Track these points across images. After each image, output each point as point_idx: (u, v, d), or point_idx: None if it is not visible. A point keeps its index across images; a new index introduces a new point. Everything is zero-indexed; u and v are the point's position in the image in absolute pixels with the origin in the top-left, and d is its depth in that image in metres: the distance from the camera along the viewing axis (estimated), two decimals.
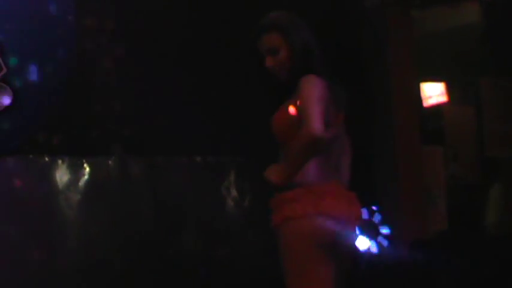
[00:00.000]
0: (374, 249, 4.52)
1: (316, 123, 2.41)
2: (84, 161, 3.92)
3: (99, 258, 3.88)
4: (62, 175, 3.86)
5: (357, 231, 4.45)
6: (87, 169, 3.92)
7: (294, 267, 2.50)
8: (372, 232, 4.54)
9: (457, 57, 5.97)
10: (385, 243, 4.54)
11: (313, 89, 2.52)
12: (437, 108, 5.89)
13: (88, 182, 3.92)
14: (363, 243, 4.50)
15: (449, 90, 6.06)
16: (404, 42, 5.12)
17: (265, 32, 2.68)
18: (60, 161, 3.86)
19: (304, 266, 2.47)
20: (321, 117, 2.44)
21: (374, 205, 4.67)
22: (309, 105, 2.47)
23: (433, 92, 5.95)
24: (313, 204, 2.50)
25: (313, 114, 2.43)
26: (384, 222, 4.60)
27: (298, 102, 2.55)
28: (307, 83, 2.54)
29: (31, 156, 3.80)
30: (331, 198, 2.54)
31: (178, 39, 4.26)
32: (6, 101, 3.53)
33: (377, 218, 4.58)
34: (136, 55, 4.12)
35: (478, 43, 5.76)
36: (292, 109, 2.59)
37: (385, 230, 4.58)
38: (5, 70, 3.49)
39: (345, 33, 4.95)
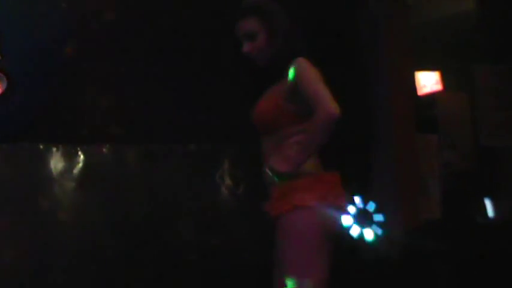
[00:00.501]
0: (368, 237, 4.52)
1: (333, 103, 2.37)
2: (78, 148, 3.91)
3: (93, 245, 3.89)
4: (56, 163, 3.86)
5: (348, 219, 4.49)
6: (82, 157, 3.92)
7: (298, 255, 2.45)
8: (365, 220, 4.54)
9: (451, 45, 5.97)
10: (379, 231, 4.55)
11: (312, 70, 2.48)
12: (431, 96, 5.89)
13: (82, 169, 3.91)
14: (356, 231, 4.51)
15: (444, 78, 6.05)
16: (400, 30, 5.11)
17: (242, 17, 2.60)
18: (54, 149, 3.86)
19: (309, 255, 2.44)
20: (332, 96, 2.40)
21: (368, 193, 4.67)
22: (316, 86, 2.42)
23: (428, 81, 5.94)
24: (323, 194, 2.47)
25: (325, 94, 2.40)
26: (378, 210, 4.60)
27: (294, 87, 2.48)
28: (303, 66, 2.48)
29: (25, 143, 3.79)
30: (334, 187, 2.52)
31: (173, 27, 4.25)
32: (0, 88, 3.52)
33: (371, 206, 4.59)
34: (131, 44, 4.11)
35: (472, 31, 5.76)
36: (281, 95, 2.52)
37: (379, 218, 4.59)
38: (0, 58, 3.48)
39: (340, 20, 4.93)
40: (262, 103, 2.60)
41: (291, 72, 2.49)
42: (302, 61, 2.49)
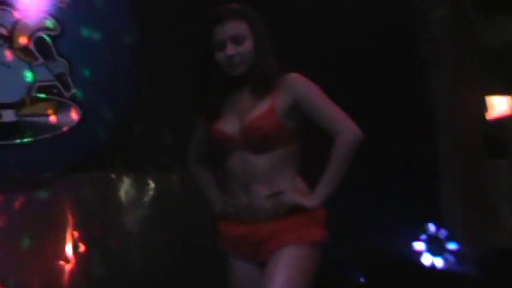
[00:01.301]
0: (440, 265, 4.44)
1: (354, 123, 2.27)
2: (148, 177, 3.98)
3: (162, 270, 3.92)
4: (127, 191, 3.93)
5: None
6: (152, 185, 3.98)
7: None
8: (437, 248, 4.46)
9: None
10: (451, 259, 4.46)
11: (318, 89, 2.33)
12: (502, 120, 5.78)
13: (152, 197, 3.97)
14: (427, 259, 4.44)
15: None
16: (464, 52, 5.04)
17: (230, 18, 2.37)
18: (125, 178, 3.93)
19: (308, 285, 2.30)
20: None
21: (439, 220, 4.60)
22: (332, 106, 2.31)
23: (499, 105, 5.83)
24: (325, 228, 2.37)
25: (345, 115, 2.29)
26: (450, 238, 4.52)
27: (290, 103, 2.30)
28: (306, 84, 2.34)
29: (97, 173, 3.87)
30: None
31: None
32: (74, 119, 3.59)
33: (443, 233, 4.51)
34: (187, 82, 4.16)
35: None
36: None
37: (451, 246, 4.50)
38: (73, 89, 3.55)
39: (405, 44, 4.90)
40: (255, 119, 2.33)
41: (291, 89, 2.32)
42: (302, 78, 2.34)
